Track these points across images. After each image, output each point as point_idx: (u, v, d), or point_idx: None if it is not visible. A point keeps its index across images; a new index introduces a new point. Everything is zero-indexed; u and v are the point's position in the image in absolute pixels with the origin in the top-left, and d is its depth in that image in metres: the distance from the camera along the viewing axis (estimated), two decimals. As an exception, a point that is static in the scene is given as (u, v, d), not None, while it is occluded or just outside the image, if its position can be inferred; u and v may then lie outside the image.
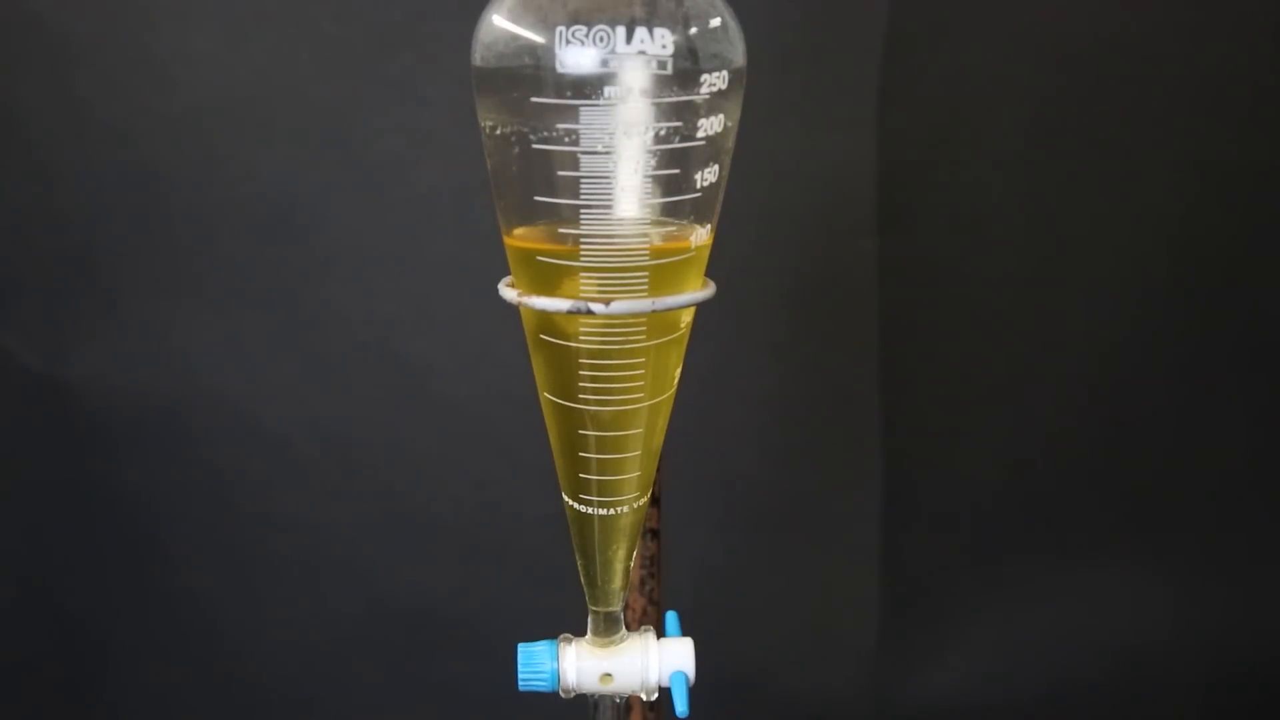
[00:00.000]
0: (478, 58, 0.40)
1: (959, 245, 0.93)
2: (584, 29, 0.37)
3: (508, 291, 0.43)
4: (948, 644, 1.00)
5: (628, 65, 0.38)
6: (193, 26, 0.86)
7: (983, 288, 0.94)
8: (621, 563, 0.48)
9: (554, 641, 0.49)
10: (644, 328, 0.43)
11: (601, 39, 0.37)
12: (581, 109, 0.38)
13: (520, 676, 0.49)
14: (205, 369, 0.92)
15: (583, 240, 0.40)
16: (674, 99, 0.39)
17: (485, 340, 0.89)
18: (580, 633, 0.50)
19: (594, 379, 0.44)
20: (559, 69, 0.38)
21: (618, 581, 0.49)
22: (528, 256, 0.42)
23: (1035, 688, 1.00)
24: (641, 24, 0.38)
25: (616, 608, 0.49)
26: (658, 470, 0.50)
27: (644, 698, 0.50)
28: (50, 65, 0.86)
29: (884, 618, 0.98)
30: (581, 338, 0.43)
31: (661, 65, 0.38)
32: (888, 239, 0.92)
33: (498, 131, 0.40)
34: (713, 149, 0.41)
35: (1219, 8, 0.88)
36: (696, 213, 0.42)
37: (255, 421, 0.93)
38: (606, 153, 0.39)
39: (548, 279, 0.42)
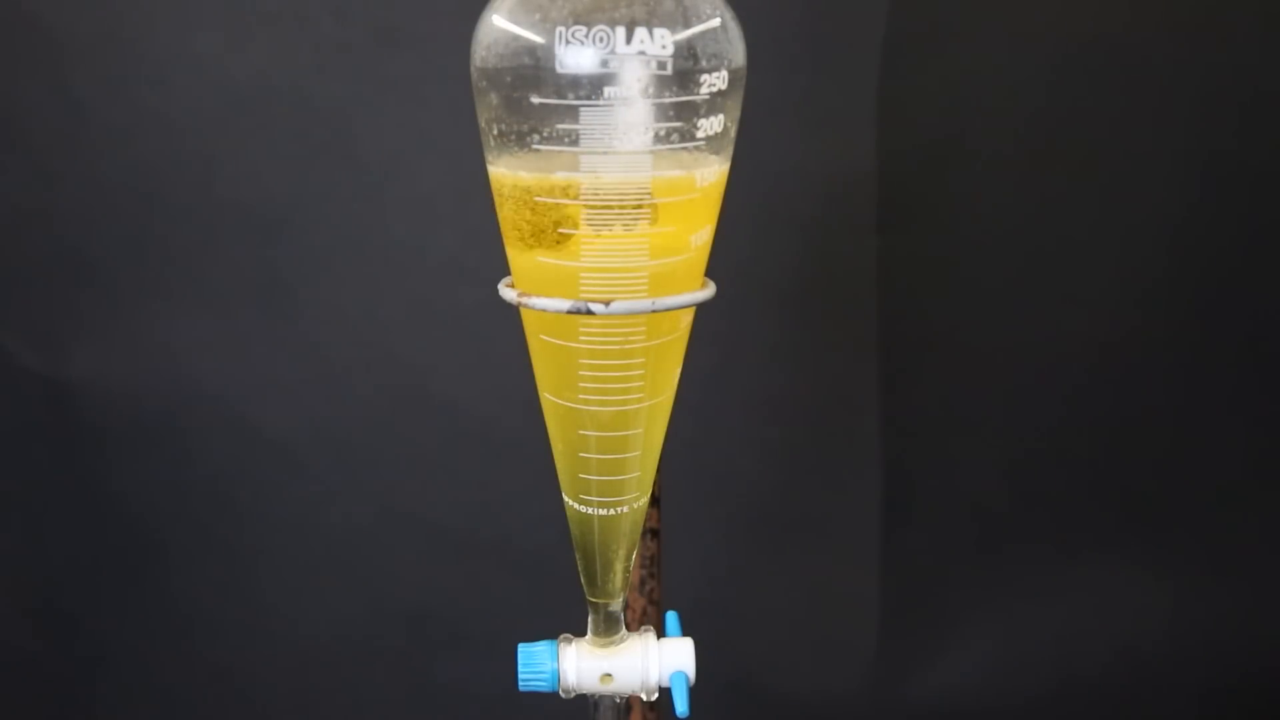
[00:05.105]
0: (478, 58, 0.40)
1: (959, 245, 0.93)
2: (584, 29, 0.37)
3: (508, 291, 0.43)
4: (948, 644, 1.00)
5: (627, 65, 0.38)
6: (193, 26, 0.86)
7: (983, 288, 0.94)
8: (621, 562, 0.48)
9: (554, 641, 0.49)
10: (644, 328, 0.43)
11: (601, 39, 0.37)
12: (581, 109, 0.38)
13: (520, 676, 0.49)
14: (205, 369, 0.92)
15: (583, 240, 0.40)
16: (674, 99, 0.39)
17: (485, 340, 0.89)
18: (580, 633, 0.50)
19: (594, 379, 0.44)
20: (559, 69, 0.38)
21: (618, 581, 0.49)
22: (527, 256, 0.42)
23: (1035, 687, 1.00)
24: (641, 24, 0.38)
25: (616, 606, 0.49)
26: (658, 470, 0.50)
27: (644, 698, 0.50)
28: (50, 65, 0.86)
29: (884, 618, 0.98)
30: (581, 338, 0.43)
31: (661, 65, 0.38)
32: (888, 239, 0.92)
33: (497, 131, 0.40)
34: (712, 149, 0.41)
35: (1219, 8, 0.88)
36: (697, 212, 0.42)
37: (255, 421, 0.93)
38: (606, 153, 0.39)
39: (547, 279, 0.42)
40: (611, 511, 0.47)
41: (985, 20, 0.88)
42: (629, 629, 0.50)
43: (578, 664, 0.49)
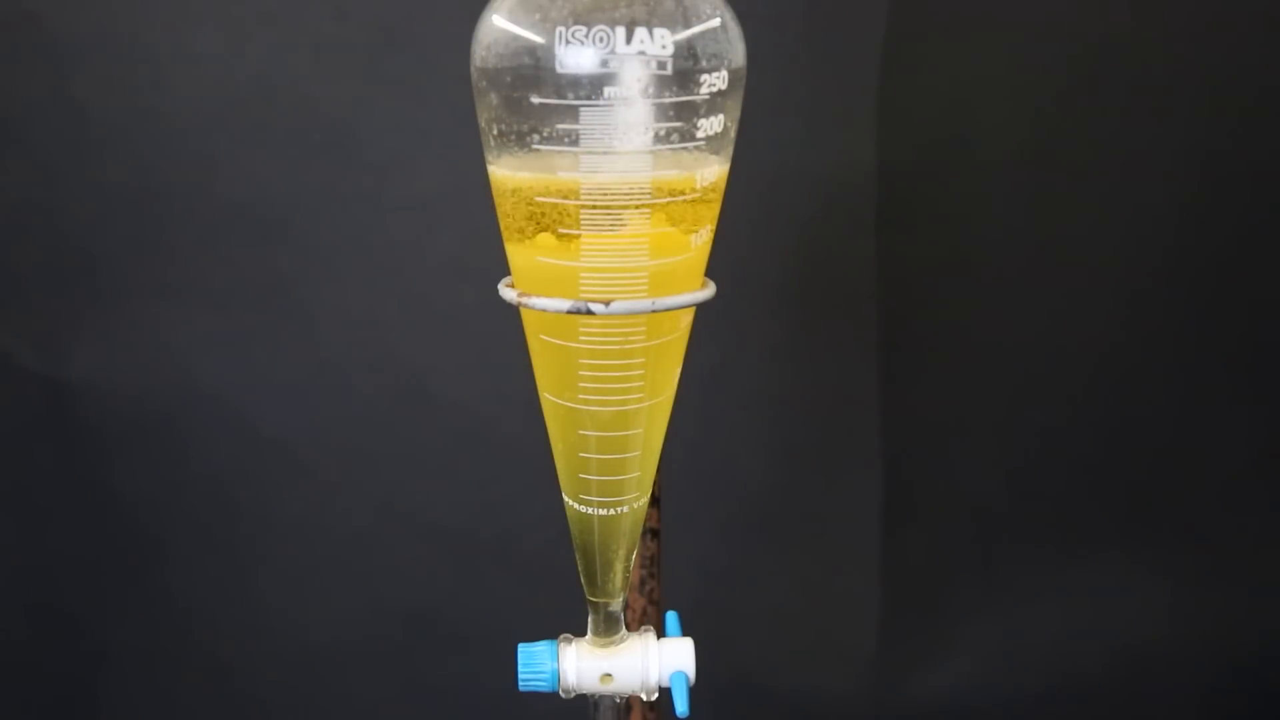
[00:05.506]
0: (478, 58, 0.40)
1: (959, 245, 0.93)
2: (584, 29, 0.38)
3: (508, 291, 0.44)
4: (948, 644, 1.00)
5: (627, 65, 0.38)
6: (193, 26, 0.86)
7: (982, 288, 0.94)
8: (621, 562, 0.48)
9: (554, 641, 0.49)
10: (644, 328, 0.43)
11: (601, 39, 0.37)
12: (581, 109, 0.38)
13: (520, 676, 0.49)
14: (205, 369, 0.92)
15: (583, 240, 0.40)
16: (674, 99, 0.39)
17: (485, 340, 0.89)
18: (580, 633, 0.50)
19: (594, 379, 0.44)
20: (559, 69, 0.38)
21: (618, 581, 0.49)
22: (527, 256, 0.42)
23: (1035, 688, 1.00)
24: (641, 24, 0.38)
25: (616, 606, 0.49)
26: (658, 470, 0.50)
27: (644, 698, 0.50)
28: (50, 65, 0.86)
29: (884, 618, 0.98)
30: (581, 338, 0.43)
31: (661, 65, 0.38)
32: (888, 239, 0.92)
33: (497, 131, 0.40)
34: (712, 149, 0.41)
35: (1219, 8, 0.88)
36: (697, 212, 0.42)
37: (254, 422, 0.93)
38: (606, 153, 0.39)
39: (547, 279, 0.42)
40: (611, 511, 0.47)
41: (985, 20, 0.88)
42: (629, 629, 0.50)
43: (578, 664, 0.49)
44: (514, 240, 0.43)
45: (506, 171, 0.41)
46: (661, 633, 0.51)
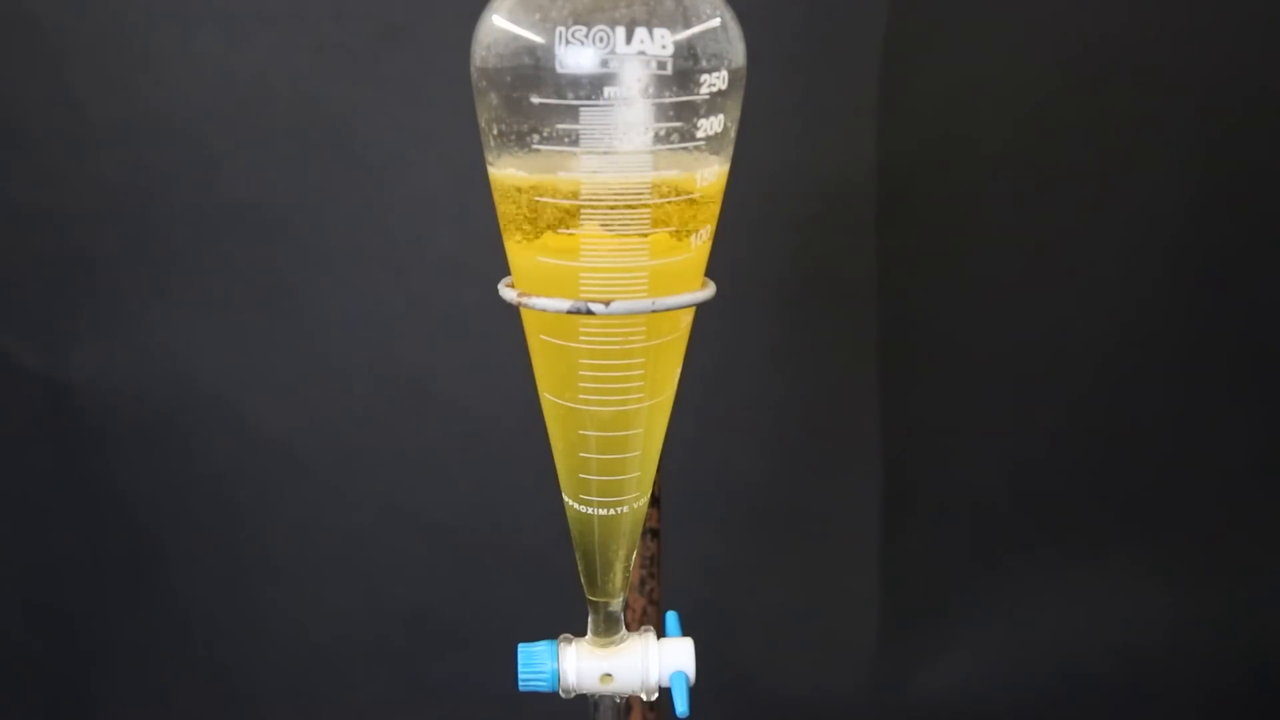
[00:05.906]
0: (478, 58, 0.40)
1: (959, 244, 0.93)
2: (584, 29, 0.37)
3: (508, 291, 0.43)
4: (948, 644, 1.00)
5: (627, 65, 0.38)
6: (193, 26, 0.86)
7: (983, 287, 0.94)
8: (621, 562, 0.48)
9: (554, 641, 0.49)
10: (644, 328, 0.43)
11: (601, 39, 0.37)
12: (581, 109, 0.38)
13: (520, 676, 0.49)
14: (204, 369, 0.92)
15: (583, 240, 0.40)
16: (674, 99, 0.39)
17: (485, 340, 0.89)
18: (580, 633, 0.50)
19: (594, 379, 0.44)
20: (559, 69, 0.38)
21: (618, 581, 0.49)
22: (527, 256, 0.42)
23: (1035, 687, 1.00)
24: (641, 24, 0.38)
25: (616, 606, 0.49)
26: (658, 470, 0.50)
27: (644, 698, 0.50)
28: (50, 65, 0.86)
29: (884, 618, 0.98)
30: (581, 338, 0.43)
31: (661, 65, 0.38)
32: (888, 239, 0.92)
33: (497, 131, 0.40)
34: (712, 149, 0.41)
35: (1219, 8, 0.88)
36: (697, 212, 0.42)
37: (254, 422, 0.93)
38: (606, 153, 0.39)
39: (547, 279, 0.42)
40: (611, 511, 0.47)
41: (985, 20, 0.88)
42: (629, 629, 0.50)
43: (578, 664, 0.49)
44: (514, 240, 0.43)
45: (506, 171, 0.41)
46: (661, 633, 0.51)
